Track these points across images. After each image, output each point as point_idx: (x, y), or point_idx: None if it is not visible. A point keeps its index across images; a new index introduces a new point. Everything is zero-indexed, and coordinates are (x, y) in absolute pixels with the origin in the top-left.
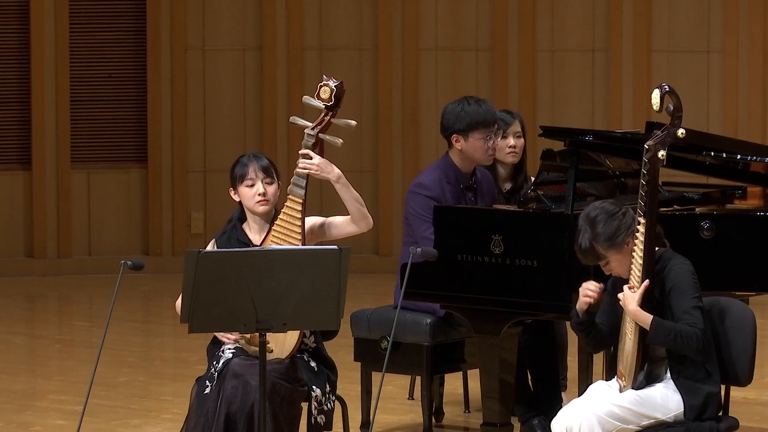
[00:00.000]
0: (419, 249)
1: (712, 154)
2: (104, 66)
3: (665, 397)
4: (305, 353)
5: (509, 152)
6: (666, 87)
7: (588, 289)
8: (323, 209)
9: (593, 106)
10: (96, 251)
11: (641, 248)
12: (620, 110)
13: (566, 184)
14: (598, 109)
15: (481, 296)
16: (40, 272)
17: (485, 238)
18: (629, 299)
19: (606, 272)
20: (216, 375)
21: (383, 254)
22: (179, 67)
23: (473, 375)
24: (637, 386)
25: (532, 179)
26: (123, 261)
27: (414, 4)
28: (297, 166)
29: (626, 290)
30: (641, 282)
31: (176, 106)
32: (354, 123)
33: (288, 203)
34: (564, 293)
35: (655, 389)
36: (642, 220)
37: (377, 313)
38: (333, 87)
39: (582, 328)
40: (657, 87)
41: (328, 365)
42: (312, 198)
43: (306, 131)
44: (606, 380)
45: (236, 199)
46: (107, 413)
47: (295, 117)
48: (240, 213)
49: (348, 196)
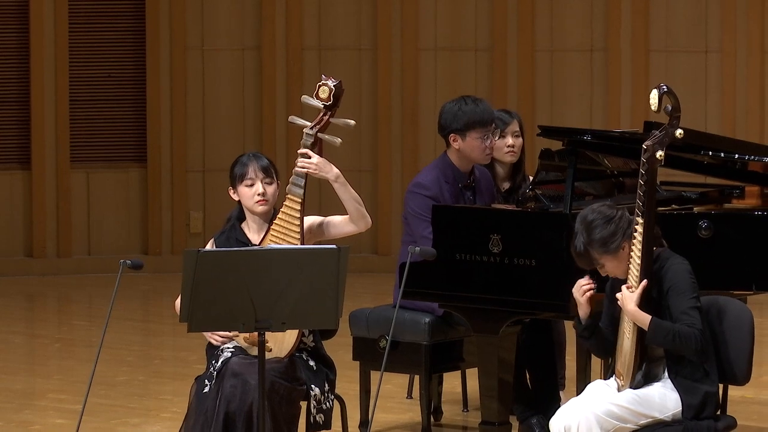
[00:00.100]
0: (418, 248)
1: (710, 154)
2: (103, 66)
3: (663, 397)
4: (304, 352)
5: (508, 152)
6: (664, 87)
7: (582, 286)
8: (322, 209)
9: (592, 106)
10: (95, 251)
11: (639, 248)
12: (618, 110)
13: (564, 184)
14: (597, 109)
15: (480, 295)
16: (40, 272)
17: (484, 238)
18: (628, 299)
19: (602, 274)
20: (215, 374)
21: (382, 254)
22: (178, 67)
23: (472, 374)
24: (635, 385)
25: (531, 179)
26: (122, 260)
27: (413, 4)
28: (296, 166)
29: (624, 290)
30: (639, 282)
31: (175, 106)
32: (353, 122)
33: (287, 203)
34: (562, 292)
35: (653, 388)
36: (640, 220)
37: (376, 313)
38: (332, 87)
39: (588, 334)
40: (655, 87)
41: (327, 364)
42: (311, 197)
43: (305, 131)
44: (604, 379)
45: (235, 199)
46: (107, 412)
47: (294, 116)
48: (239, 212)
49: (346, 196)
